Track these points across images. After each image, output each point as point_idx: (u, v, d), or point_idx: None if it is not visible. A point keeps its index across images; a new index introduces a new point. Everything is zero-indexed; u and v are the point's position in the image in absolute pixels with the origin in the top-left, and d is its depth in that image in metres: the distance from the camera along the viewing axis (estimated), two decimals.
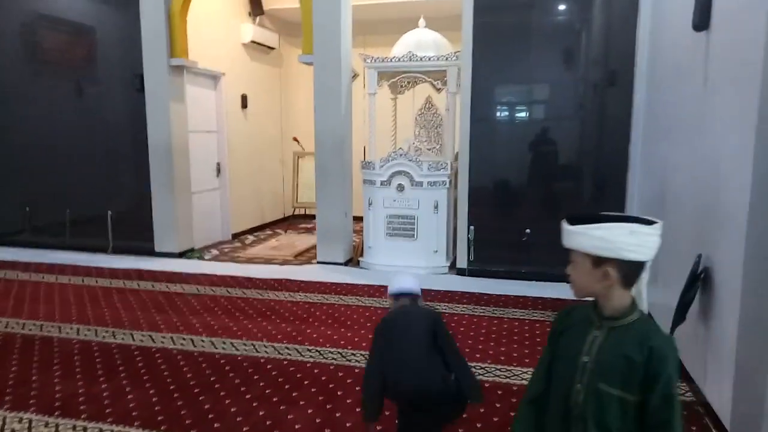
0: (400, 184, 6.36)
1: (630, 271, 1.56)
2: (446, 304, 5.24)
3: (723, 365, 2.99)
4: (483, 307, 5.13)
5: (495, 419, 3.16)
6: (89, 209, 7.69)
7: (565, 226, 1.61)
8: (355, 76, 7.10)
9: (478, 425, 3.10)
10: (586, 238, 1.56)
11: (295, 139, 9.52)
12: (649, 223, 1.56)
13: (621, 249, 1.52)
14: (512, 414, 3.14)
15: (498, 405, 3.30)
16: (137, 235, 7.39)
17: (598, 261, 1.56)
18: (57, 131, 7.66)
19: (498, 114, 6.36)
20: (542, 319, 4.83)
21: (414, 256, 6.39)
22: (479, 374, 3.73)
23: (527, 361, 3.95)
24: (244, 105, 8.94)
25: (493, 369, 3.82)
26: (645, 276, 1.61)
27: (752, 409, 2.48)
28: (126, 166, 7.53)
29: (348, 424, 3.12)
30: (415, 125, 7.48)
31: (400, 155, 6.36)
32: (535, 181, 6.29)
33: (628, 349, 1.54)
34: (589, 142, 6.16)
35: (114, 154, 7.53)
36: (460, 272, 6.26)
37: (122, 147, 7.47)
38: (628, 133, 5.80)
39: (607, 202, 5.87)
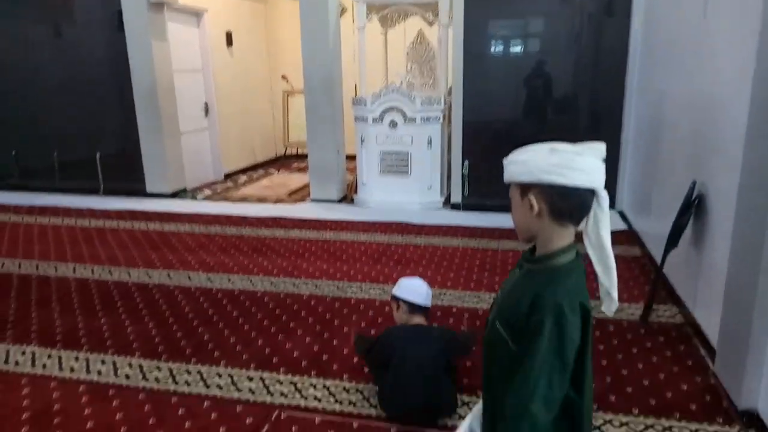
0: (392, 121, 6.25)
1: (556, 198, 1.33)
2: (440, 237, 5.27)
3: (713, 289, 3.04)
4: (477, 240, 5.17)
5: None
6: (77, 151, 7.56)
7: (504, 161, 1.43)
8: (343, 11, 6.84)
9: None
10: (511, 165, 1.39)
11: (284, 77, 9.28)
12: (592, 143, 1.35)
13: (540, 171, 1.32)
14: None
15: None
16: (128, 177, 7.31)
17: (524, 190, 1.37)
18: (39, 74, 7.42)
19: (492, 47, 6.18)
20: None
21: (408, 192, 6.37)
22: (473, 303, 3.80)
23: None
24: (230, 42, 8.64)
25: (487, 297, 3.88)
26: (604, 228, 1.36)
27: (739, 331, 2.53)
28: (112, 107, 7.34)
29: (345, 351, 3.19)
30: (406, 60, 7.29)
31: (392, 91, 6.22)
32: (530, 115, 6.20)
33: (523, 293, 1.37)
34: (585, 74, 6.03)
35: (99, 95, 7.33)
36: (455, 207, 6.27)
37: (106, 87, 7.26)
38: (625, 64, 5.68)
39: (603, 133, 5.81)
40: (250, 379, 2.92)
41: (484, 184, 6.17)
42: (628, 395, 2.72)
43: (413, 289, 2.72)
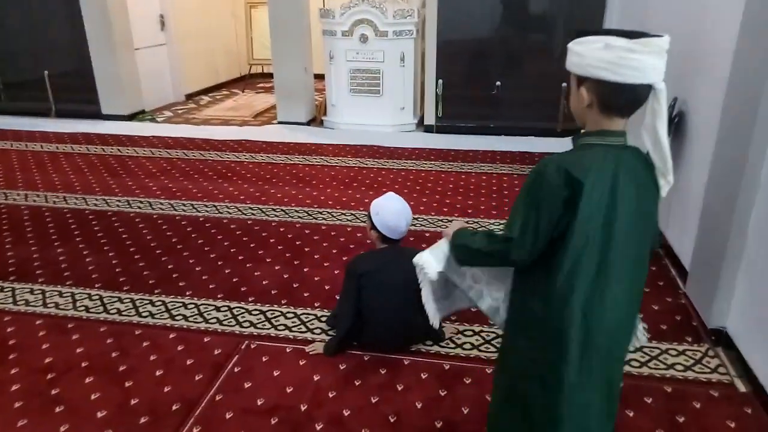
0: (363, 35, 5.88)
1: (607, 94, 1.31)
2: (414, 161, 5.12)
3: (688, 209, 3.01)
4: (451, 163, 5.04)
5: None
6: (23, 70, 7.00)
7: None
8: None
9: None
10: (571, 54, 1.36)
11: None
12: (648, 36, 1.27)
13: (592, 66, 1.30)
14: None
15: None
16: (81, 98, 6.84)
17: (579, 80, 1.36)
18: None
19: None
20: (510, 172, 4.79)
21: (380, 114, 6.12)
22: (447, 226, 3.71)
23: (494, 213, 3.94)
24: None
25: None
26: (660, 120, 1.33)
27: (713, 252, 2.51)
28: (58, 20, 6.73)
29: (316, 278, 3.10)
30: None
31: (363, 1, 5.81)
32: (507, 32, 5.90)
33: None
34: None
35: (43, 7, 6.68)
36: (428, 129, 6.07)
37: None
38: None
39: None
40: (218, 309, 2.82)
41: (458, 106, 5.96)
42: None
43: (392, 225, 2.37)
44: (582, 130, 1.44)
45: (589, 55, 1.30)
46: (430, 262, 1.69)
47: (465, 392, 2.23)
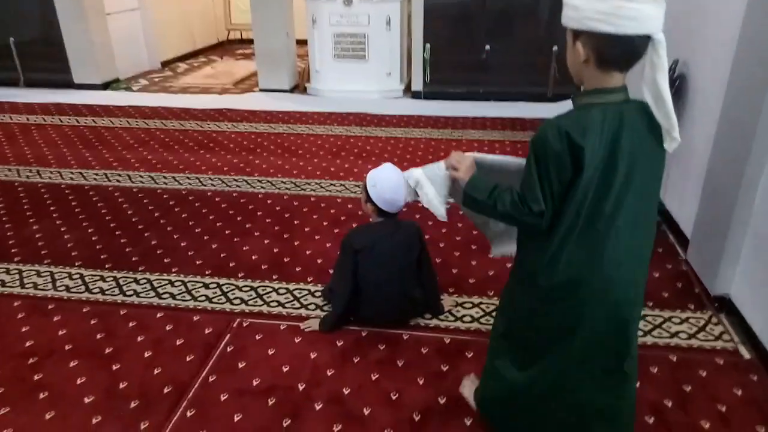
0: None
1: (604, 47, 1.29)
2: (402, 128, 4.98)
3: (689, 174, 2.94)
4: (440, 130, 4.91)
5: (458, 238, 3.10)
6: None
7: None
8: None
9: (441, 245, 3.04)
10: (566, 8, 1.33)
11: None
12: None
13: (588, 18, 1.27)
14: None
15: (460, 224, 3.21)
16: (51, 66, 6.52)
17: (575, 35, 1.34)
18: None
19: None
20: (501, 138, 4.68)
21: (365, 80, 5.94)
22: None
23: None
24: None
25: None
26: (660, 73, 1.30)
27: (717, 219, 2.45)
28: None
29: (308, 252, 2.99)
30: None
31: None
32: None
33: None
34: None
35: None
36: (416, 95, 5.91)
37: None
38: None
39: None
40: (206, 285, 2.70)
41: (446, 71, 5.80)
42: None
43: (390, 198, 2.21)
44: (581, 89, 1.41)
45: (585, 7, 1.26)
46: (427, 191, 1.76)
47: (467, 367, 2.16)
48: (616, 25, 1.23)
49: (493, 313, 2.46)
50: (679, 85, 3.11)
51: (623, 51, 1.29)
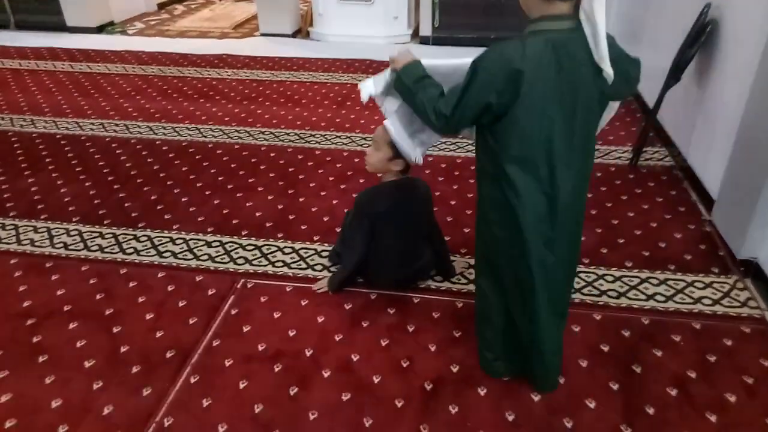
0: None
1: None
2: None
3: (715, 130, 2.77)
4: None
5: (470, 195, 2.96)
6: None
7: None
8: None
9: (452, 202, 2.91)
10: None
11: None
12: None
13: None
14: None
15: (472, 180, 3.07)
16: (42, 8, 6.21)
17: None
18: None
19: None
20: None
21: (371, 24, 5.65)
22: (450, 150, 3.46)
23: None
24: None
25: (463, 143, 3.53)
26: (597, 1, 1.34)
27: (749, 177, 2.30)
28: None
29: (313, 209, 2.87)
30: None
31: None
32: None
33: None
34: None
35: None
36: (424, 41, 5.63)
37: None
38: None
39: None
40: (209, 244, 2.60)
41: (457, 14, 5.49)
42: (620, 247, 2.55)
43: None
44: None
45: None
46: (367, 85, 1.80)
47: None
48: None
49: None
50: (710, 31, 2.89)
51: None
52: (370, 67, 4.97)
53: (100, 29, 6.22)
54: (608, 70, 1.40)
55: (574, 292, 2.26)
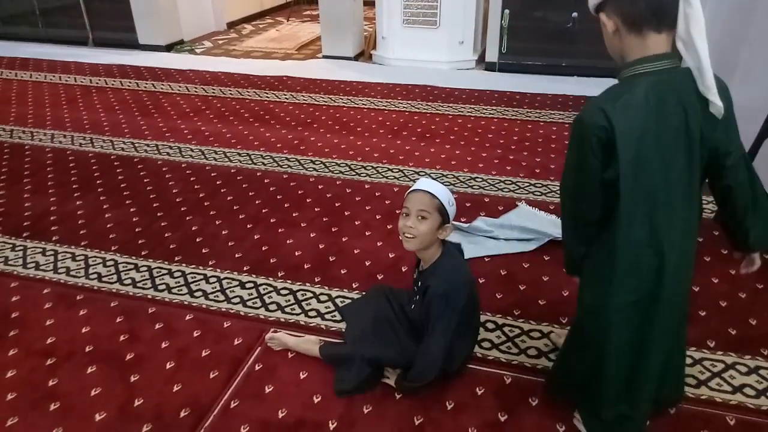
0: None
1: (625, 7, 1.28)
2: (472, 105, 4.52)
3: None
4: (515, 109, 4.41)
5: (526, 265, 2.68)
6: None
7: None
8: None
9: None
10: None
11: None
12: None
13: None
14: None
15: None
16: (118, 26, 6.46)
17: (599, 11, 1.35)
18: None
19: None
20: None
21: (435, 49, 5.47)
22: (509, 190, 3.19)
23: None
24: None
25: (525, 184, 3.25)
26: (694, 26, 1.23)
27: None
28: None
29: (356, 251, 2.68)
30: None
31: None
32: None
33: None
34: None
35: None
36: (490, 67, 5.39)
37: None
38: None
39: None
40: (242, 285, 2.46)
41: (526, 40, 5.22)
42: (701, 321, 2.20)
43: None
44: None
45: None
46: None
47: (531, 419, 1.80)
48: None
49: None
50: None
51: (647, 4, 1.25)
52: (431, 94, 4.77)
53: (169, 48, 6.37)
54: (717, 102, 1.28)
55: None
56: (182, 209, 3.08)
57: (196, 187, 3.32)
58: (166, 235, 2.85)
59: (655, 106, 1.28)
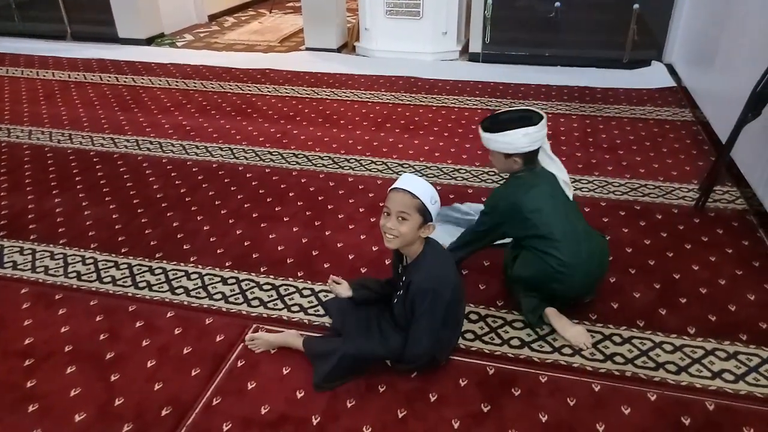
0: None
1: (529, 155, 2.08)
2: (455, 96, 4.51)
3: None
4: (499, 100, 4.41)
5: None
6: None
7: (481, 133, 2.11)
8: None
9: None
10: (494, 143, 2.08)
11: None
12: (538, 118, 2.04)
13: (520, 147, 2.04)
14: None
15: None
16: (97, 19, 6.34)
17: (507, 155, 2.08)
18: None
19: None
20: (568, 112, 4.14)
21: (418, 40, 5.44)
22: (494, 180, 3.19)
23: None
24: None
25: None
26: (547, 147, 2.15)
27: None
28: None
29: (339, 245, 2.66)
30: None
31: None
32: None
33: None
34: None
35: None
36: (473, 58, 5.37)
37: None
38: None
39: None
40: (225, 281, 2.43)
41: (509, 30, 5.21)
42: (682, 308, 2.22)
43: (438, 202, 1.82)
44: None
45: (515, 143, 2.03)
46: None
47: (513, 409, 1.81)
48: (533, 144, 2.04)
49: (548, 337, 2.09)
50: None
51: (535, 153, 2.09)
52: (414, 86, 4.75)
53: (150, 41, 6.28)
54: (568, 182, 2.20)
55: (626, 363, 1.96)
56: (163, 205, 3.05)
57: (177, 182, 3.28)
58: (147, 231, 2.82)
59: (539, 182, 2.11)
